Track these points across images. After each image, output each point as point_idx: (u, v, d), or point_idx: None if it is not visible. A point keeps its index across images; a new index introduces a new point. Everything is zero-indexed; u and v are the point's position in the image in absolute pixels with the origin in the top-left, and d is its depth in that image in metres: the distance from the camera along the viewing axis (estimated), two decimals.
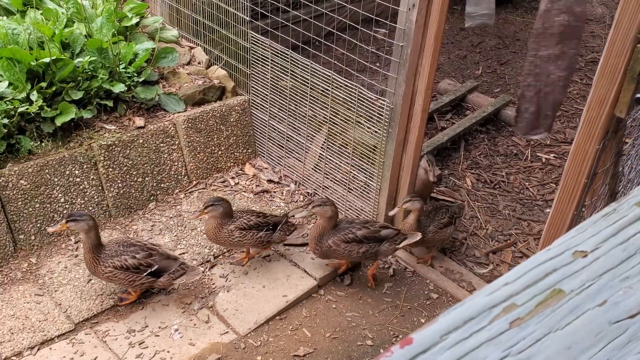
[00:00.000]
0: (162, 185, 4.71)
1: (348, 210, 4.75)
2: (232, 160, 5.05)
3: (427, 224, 4.32)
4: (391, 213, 4.39)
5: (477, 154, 5.70)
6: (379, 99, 4.25)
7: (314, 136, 4.83)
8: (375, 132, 4.33)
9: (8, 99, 4.18)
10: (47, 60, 4.27)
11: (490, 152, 5.74)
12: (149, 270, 3.79)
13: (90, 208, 4.38)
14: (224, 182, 4.94)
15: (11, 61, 4.24)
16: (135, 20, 4.92)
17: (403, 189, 4.38)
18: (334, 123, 4.60)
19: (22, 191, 4.13)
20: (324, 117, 4.65)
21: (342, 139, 4.61)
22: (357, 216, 4.68)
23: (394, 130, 4.19)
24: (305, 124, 4.79)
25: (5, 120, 4.09)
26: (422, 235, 4.20)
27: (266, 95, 4.94)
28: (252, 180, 5.00)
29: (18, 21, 4.69)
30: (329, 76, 4.44)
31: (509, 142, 5.89)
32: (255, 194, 4.86)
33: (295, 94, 4.74)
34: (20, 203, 4.12)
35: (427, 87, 3.92)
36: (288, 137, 4.95)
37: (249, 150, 5.15)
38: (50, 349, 3.61)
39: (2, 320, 3.72)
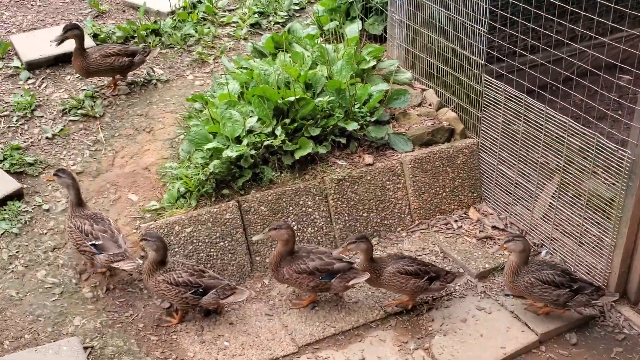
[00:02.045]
0: (386, 222, 4.84)
1: (577, 266, 4.48)
2: (456, 203, 5.04)
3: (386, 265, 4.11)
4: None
5: None
6: (619, 149, 3.99)
7: (545, 184, 4.65)
8: (613, 184, 4.05)
9: (256, 132, 4.60)
10: (291, 99, 4.64)
11: None
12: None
13: (319, 238, 4.64)
14: (446, 224, 4.93)
15: (261, 99, 4.68)
16: (372, 63, 5.17)
17: None
18: (567, 172, 4.40)
19: (261, 216, 4.50)
20: (557, 165, 4.47)
21: (576, 189, 4.38)
22: (586, 273, 4.39)
23: (634, 183, 3.90)
24: (536, 171, 4.63)
25: (253, 152, 4.51)
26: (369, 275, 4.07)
27: (496, 139, 4.87)
28: (475, 225, 4.93)
29: (269, 63, 5.17)
30: (565, 123, 4.26)
31: None
32: (478, 240, 4.79)
33: (527, 140, 4.62)
34: (259, 227, 4.50)
35: None
36: (517, 184, 4.82)
37: (474, 194, 5.10)
38: None
39: (236, 335, 4.06)
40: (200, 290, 3.97)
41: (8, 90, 5.60)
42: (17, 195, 4.65)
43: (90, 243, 4.11)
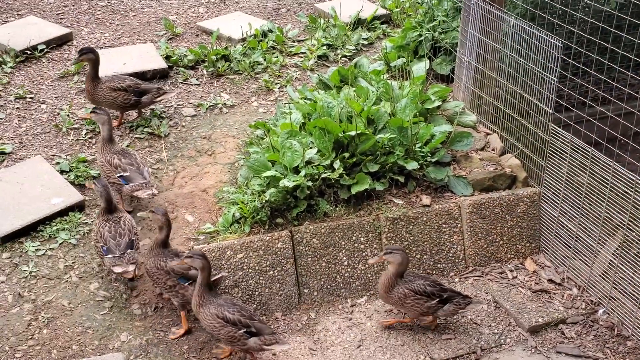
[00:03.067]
0: (439, 265, 4.75)
1: (636, 329, 4.29)
2: (512, 252, 4.91)
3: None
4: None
5: None
6: None
7: (607, 240, 4.48)
8: None
9: (315, 164, 4.61)
10: (352, 133, 4.64)
11: None
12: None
13: (369, 275, 4.59)
14: (501, 273, 4.81)
15: (322, 131, 4.70)
16: (437, 103, 5.13)
17: None
18: (631, 230, 4.23)
19: (313, 249, 4.49)
20: (621, 222, 4.31)
21: (639, 248, 4.22)
22: None
23: None
24: (598, 226, 4.48)
25: (310, 183, 4.52)
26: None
27: (559, 190, 4.74)
28: (531, 276, 4.79)
29: (334, 96, 5.19)
30: (632, 179, 4.12)
31: None
32: (532, 292, 4.64)
33: (591, 193, 4.48)
34: (309, 259, 4.48)
35: None
36: (577, 237, 4.67)
37: (532, 245, 4.96)
38: None
39: None
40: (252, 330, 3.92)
41: (80, 104, 5.80)
42: (79, 207, 4.78)
43: (118, 175, 4.55)
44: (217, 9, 7.67)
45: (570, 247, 4.73)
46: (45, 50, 6.51)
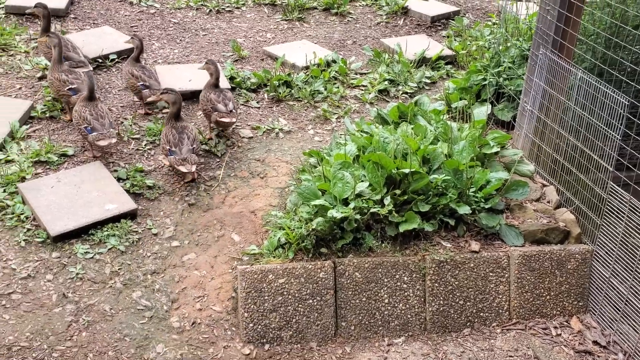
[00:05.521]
0: (482, 314, 4.65)
1: None
2: (559, 309, 4.77)
3: None
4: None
5: None
6: None
7: None
8: None
9: (365, 197, 4.60)
10: (406, 170, 4.62)
11: None
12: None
13: (409, 316, 4.52)
14: (545, 328, 4.68)
15: (376, 165, 4.69)
16: (495, 149, 5.07)
17: None
18: None
19: (355, 283, 4.46)
20: None
21: None
22: None
23: None
24: None
25: (358, 216, 4.51)
26: None
27: (612, 250, 4.60)
28: (576, 336, 4.64)
29: (391, 131, 5.19)
30: None
31: None
32: (575, 352, 4.49)
33: None
34: (350, 292, 4.45)
35: None
36: (627, 301, 4.51)
37: (580, 304, 4.81)
38: None
39: None
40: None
41: (144, 116, 5.96)
42: (131, 215, 4.88)
43: (140, 84, 5.80)
44: (285, 36, 7.80)
45: (620, 310, 4.57)
46: (116, 60, 6.73)
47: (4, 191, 4.93)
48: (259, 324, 4.35)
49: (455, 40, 7.78)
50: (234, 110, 5.60)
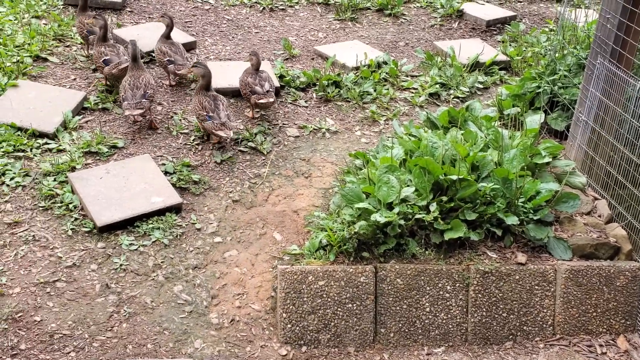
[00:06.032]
0: (525, 328, 4.53)
1: None
2: (605, 326, 4.62)
3: None
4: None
5: None
6: None
7: None
8: None
9: (410, 203, 4.53)
10: (454, 177, 4.53)
11: None
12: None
13: (450, 326, 4.44)
14: (590, 346, 4.53)
15: (423, 170, 4.62)
16: (547, 160, 4.93)
17: None
18: None
19: (396, 289, 4.40)
20: None
21: None
22: None
23: None
24: None
25: (402, 222, 4.44)
26: None
27: None
28: (622, 355, 4.48)
29: (440, 136, 5.10)
30: None
31: None
32: None
33: None
34: (390, 299, 4.39)
35: None
36: None
37: (628, 322, 4.65)
38: None
39: None
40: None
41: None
42: (176, 209, 4.92)
43: (166, 59, 6.15)
44: (336, 35, 7.77)
45: None
46: None
47: (55, 180, 5.04)
48: (297, 325, 4.33)
49: (510, 45, 7.62)
50: (271, 90, 5.78)
